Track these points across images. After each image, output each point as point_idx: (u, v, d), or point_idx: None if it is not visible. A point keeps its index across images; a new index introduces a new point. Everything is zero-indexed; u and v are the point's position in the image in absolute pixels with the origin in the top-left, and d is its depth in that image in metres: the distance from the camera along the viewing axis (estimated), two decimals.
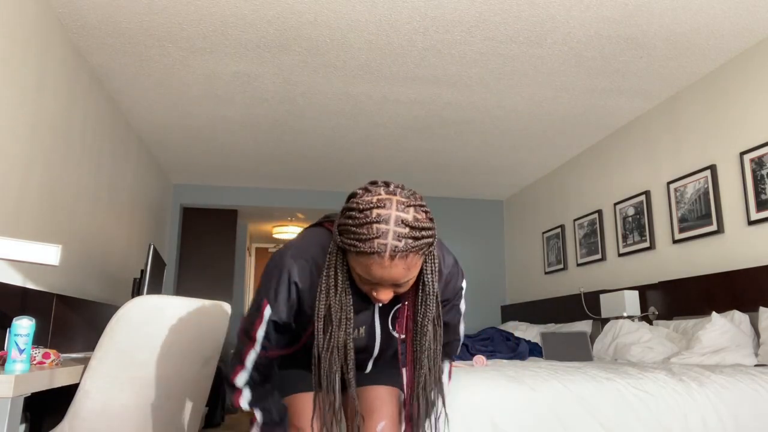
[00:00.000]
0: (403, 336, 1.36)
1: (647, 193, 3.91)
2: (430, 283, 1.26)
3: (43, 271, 2.80)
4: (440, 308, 1.31)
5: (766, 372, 2.26)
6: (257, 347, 1.34)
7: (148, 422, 1.78)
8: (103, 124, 3.65)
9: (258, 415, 1.38)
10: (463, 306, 1.48)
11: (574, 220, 4.84)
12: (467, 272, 6.22)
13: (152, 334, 1.74)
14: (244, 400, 1.37)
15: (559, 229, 5.11)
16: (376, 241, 1.10)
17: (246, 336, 1.35)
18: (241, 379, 1.37)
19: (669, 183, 3.68)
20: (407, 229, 1.11)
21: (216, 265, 6.06)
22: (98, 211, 3.63)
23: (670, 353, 2.99)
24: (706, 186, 3.36)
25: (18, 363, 1.43)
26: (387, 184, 1.18)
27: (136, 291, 3.66)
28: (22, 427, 2.29)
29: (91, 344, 3.37)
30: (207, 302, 1.92)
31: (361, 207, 1.13)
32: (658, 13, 2.81)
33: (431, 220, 1.18)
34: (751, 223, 3.04)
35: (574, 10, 2.79)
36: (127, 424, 1.73)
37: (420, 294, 1.28)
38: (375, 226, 1.11)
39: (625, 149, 4.22)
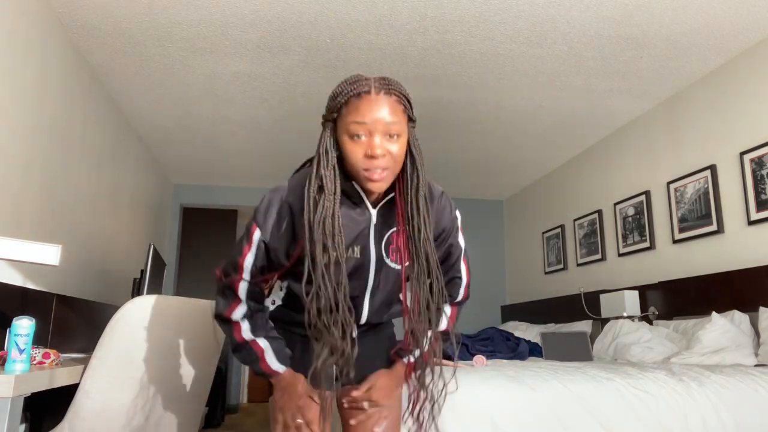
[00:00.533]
0: (398, 266, 1.35)
1: (647, 193, 3.91)
2: (419, 156, 1.29)
3: (43, 271, 2.80)
4: (430, 214, 1.31)
5: (766, 372, 2.26)
6: (246, 276, 1.34)
7: (148, 422, 1.78)
8: (103, 124, 3.65)
9: (263, 343, 1.34)
10: (461, 240, 1.47)
11: (574, 220, 4.84)
12: None
13: (152, 334, 1.74)
14: (246, 331, 1.34)
15: (559, 229, 5.11)
16: (363, 83, 1.23)
17: (232, 268, 1.35)
18: (238, 312, 1.35)
19: (669, 183, 3.68)
20: (387, 81, 1.25)
21: (216, 265, 6.04)
22: (98, 211, 3.63)
23: (670, 353, 2.99)
24: (706, 186, 3.36)
25: (18, 363, 1.43)
26: None
27: (136, 291, 3.66)
28: (22, 427, 2.29)
29: (91, 344, 3.36)
30: (207, 302, 1.92)
31: (343, 81, 1.27)
32: (658, 13, 2.81)
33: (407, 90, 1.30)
34: (751, 223, 3.04)
35: (574, 10, 2.79)
36: (127, 424, 1.73)
37: (409, 174, 1.29)
38: (358, 80, 1.24)
39: (625, 149, 4.22)
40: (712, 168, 3.33)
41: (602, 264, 4.44)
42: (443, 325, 1.42)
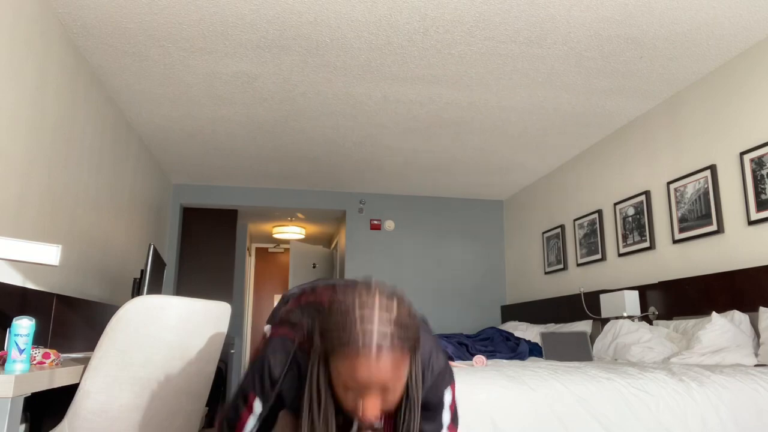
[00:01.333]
0: None
1: (647, 193, 3.91)
2: (414, 390, 1.20)
3: (43, 271, 2.80)
4: (419, 417, 1.23)
5: (766, 372, 2.26)
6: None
7: (148, 422, 1.78)
8: (103, 124, 3.65)
9: None
10: (446, 418, 1.35)
11: (574, 220, 4.84)
12: (467, 273, 6.23)
13: (152, 334, 1.73)
14: None
15: (559, 229, 5.11)
16: (360, 339, 1.07)
17: (234, 424, 1.31)
18: None
19: (669, 183, 3.68)
20: (392, 327, 1.10)
21: (216, 265, 6.06)
22: (98, 211, 3.63)
23: (670, 353, 2.99)
24: (706, 186, 3.36)
25: (18, 363, 1.43)
26: (368, 285, 1.15)
27: (136, 291, 3.66)
28: (22, 427, 2.29)
29: (91, 344, 3.37)
30: (207, 302, 1.92)
31: (342, 309, 1.12)
32: (658, 13, 2.81)
33: (415, 316, 1.15)
34: (751, 223, 3.04)
35: (574, 10, 2.79)
36: (127, 424, 1.73)
37: (403, 402, 1.20)
38: (359, 326, 1.08)
39: (625, 149, 4.22)
40: (712, 168, 3.33)
41: (602, 264, 4.44)
42: None
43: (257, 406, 1.29)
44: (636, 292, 3.72)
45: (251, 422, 1.30)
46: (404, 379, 1.15)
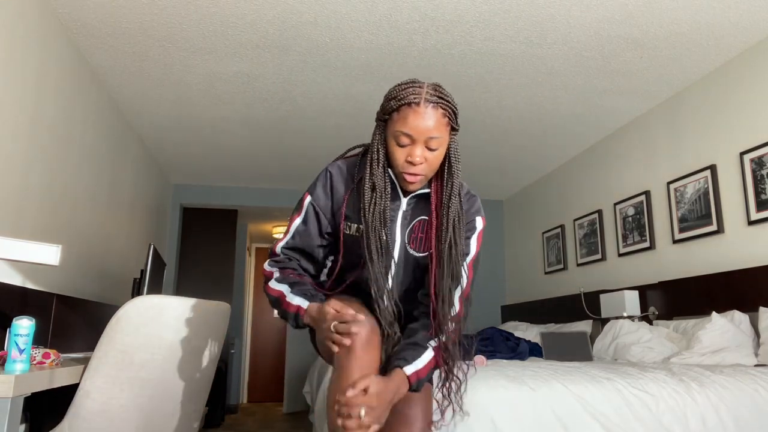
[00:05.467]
0: (419, 254, 1.49)
1: (647, 193, 3.91)
2: (456, 163, 1.45)
3: (43, 271, 2.80)
4: (461, 228, 1.45)
5: (766, 372, 2.26)
6: (289, 236, 1.53)
7: (148, 422, 1.78)
8: (103, 124, 3.65)
9: (284, 287, 1.47)
10: (473, 245, 1.54)
11: (574, 220, 4.84)
12: None
13: (152, 334, 1.74)
14: (273, 282, 1.49)
15: (559, 229, 5.11)
16: (412, 93, 1.35)
17: (285, 233, 1.55)
18: (272, 262, 1.53)
19: (669, 183, 3.68)
20: (437, 92, 1.38)
21: (216, 265, 6.06)
22: (98, 211, 3.63)
23: (670, 353, 2.99)
24: (706, 186, 3.36)
25: (18, 363, 1.43)
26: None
27: (136, 291, 3.65)
28: (22, 427, 2.29)
29: (91, 344, 3.36)
30: (207, 302, 1.92)
31: (401, 83, 1.41)
32: (659, 13, 2.81)
33: (456, 103, 1.42)
34: (751, 223, 3.04)
35: (574, 10, 2.79)
36: (127, 424, 1.73)
37: (446, 179, 1.45)
38: (412, 86, 1.37)
39: (625, 149, 4.22)
40: (712, 168, 3.33)
41: (602, 264, 4.44)
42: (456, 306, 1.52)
43: (307, 200, 1.54)
44: (636, 292, 3.72)
45: (298, 221, 1.53)
46: (444, 142, 1.40)
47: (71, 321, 3.12)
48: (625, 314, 3.62)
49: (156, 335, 1.74)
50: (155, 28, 2.95)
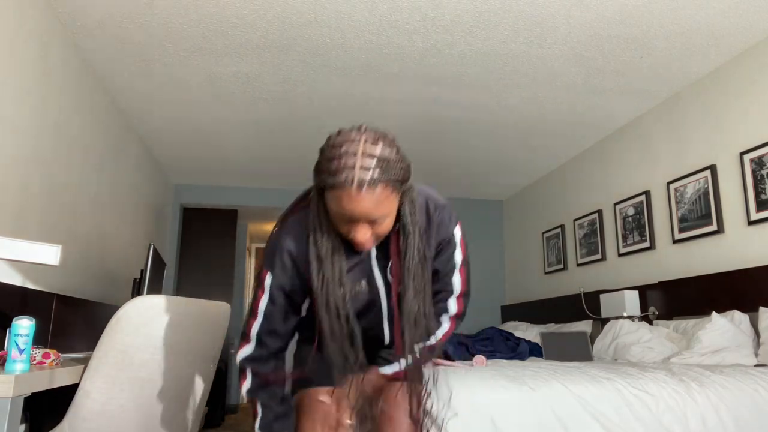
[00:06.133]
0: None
1: (647, 193, 3.91)
2: (409, 224, 1.28)
3: (43, 271, 2.80)
4: (425, 250, 1.31)
5: (766, 372, 2.26)
6: (259, 318, 1.37)
7: (148, 422, 1.78)
8: (103, 124, 3.65)
9: (259, 409, 1.38)
10: (458, 255, 1.45)
11: (574, 220, 4.84)
12: None
13: (152, 334, 1.74)
14: (245, 386, 1.38)
15: (559, 229, 5.11)
16: (344, 172, 1.14)
17: (249, 313, 1.39)
18: (244, 351, 1.39)
19: (669, 183, 3.68)
20: (374, 161, 1.15)
21: (216, 265, 6.06)
22: (98, 211, 3.63)
23: (670, 353, 2.99)
24: (706, 186, 3.36)
25: (18, 363, 1.43)
26: (359, 126, 1.23)
27: (136, 291, 3.66)
28: (22, 427, 2.29)
29: (91, 344, 3.36)
30: (207, 302, 1.92)
31: (331, 143, 1.20)
32: (658, 13, 2.81)
33: (405, 159, 1.22)
34: (751, 223, 3.04)
35: (574, 10, 2.79)
36: (127, 424, 1.73)
37: (401, 236, 1.29)
38: (343, 158, 1.15)
39: (625, 149, 4.22)
40: (712, 168, 3.33)
41: (602, 264, 4.43)
42: (434, 340, 1.46)
43: (268, 280, 1.36)
44: (636, 292, 3.72)
45: (264, 301, 1.37)
46: (392, 212, 1.23)
47: (71, 321, 3.12)
48: (625, 314, 3.62)
49: (156, 335, 1.74)
50: (155, 28, 2.95)
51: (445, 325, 1.48)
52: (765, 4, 2.74)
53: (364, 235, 1.21)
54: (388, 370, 1.43)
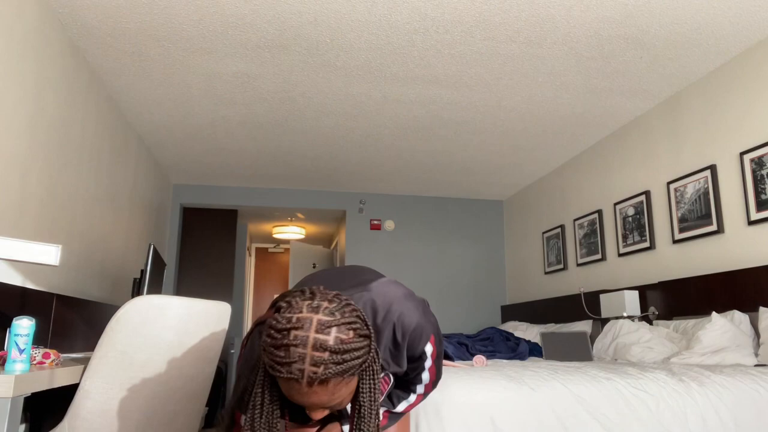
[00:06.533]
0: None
1: (647, 193, 3.91)
2: (367, 406, 1.15)
3: (43, 271, 2.80)
4: (379, 422, 1.20)
5: (766, 372, 2.26)
6: None
7: (148, 422, 1.78)
8: (103, 124, 3.65)
9: None
10: (428, 363, 1.39)
11: (574, 220, 4.84)
12: (467, 273, 6.23)
13: (152, 334, 1.73)
14: None
15: (559, 229, 5.11)
16: (293, 365, 1.02)
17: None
18: None
19: (669, 183, 3.68)
20: (326, 354, 1.02)
21: (216, 265, 6.06)
22: (98, 211, 3.63)
23: (670, 353, 2.99)
24: (706, 186, 3.36)
25: (18, 363, 1.43)
26: (313, 296, 1.09)
27: (136, 291, 3.66)
28: (22, 427, 2.29)
29: (91, 344, 3.37)
30: (207, 302, 1.92)
31: (279, 326, 1.05)
32: (658, 13, 2.81)
33: (364, 336, 1.08)
34: (751, 223, 3.04)
35: (574, 10, 2.79)
36: (127, 424, 1.73)
37: (356, 414, 1.17)
38: (291, 349, 1.02)
39: (625, 149, 4.22)
40: (712, 168, 3.33)
41: (602, 264, 4.44)
42: (399, 408, 1.47)
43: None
44: (636, 292, 3.72)
45: None
46: (350, 394, 1.12)
47: (71, 321, 3.12)
48: (625, 314, 3.62)
49: (156, 335, 1.74)
50: (155, 28, 2.95)
51: (412, 398, 1.48)
52: (765, 4, 2.74)
53: (320, 416, 1.12)
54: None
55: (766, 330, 2.73)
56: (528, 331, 4.53)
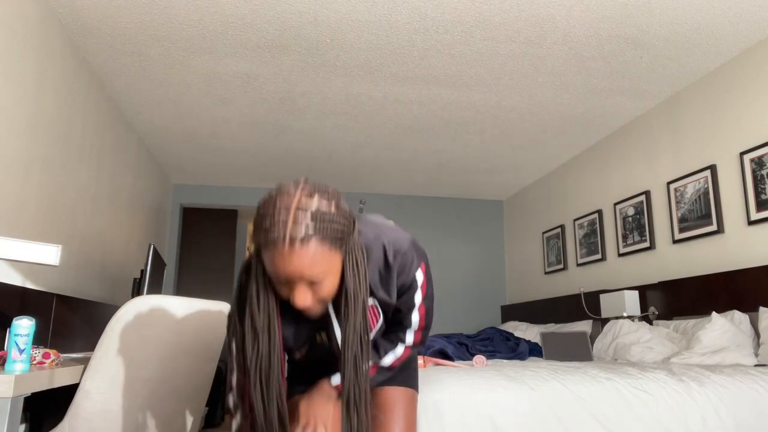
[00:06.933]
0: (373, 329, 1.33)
1: (647, 193, 3.91)
2: (352, 288, 1.17)
3: (43, 271, 2.80)
4: (367, 318, 1.22)
5: (766, 372, 2.26)
6: (234, 376, 1.30)
7: (148, 422, 1.78)
8: (103, 124, 3.65)
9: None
10: (418, 297, 1.37)
11: (574, 220, 4.84)
12: (467, 273, 6.22)
13: (152, 334, 1.74)
14: (235, 421, 1.31)
15: (559, 229, 5.11)
16: (276, 227, 1.06)
17: (228, 386, 1.33)
18: (229, 400, 1.32)
19: (669, 183, 3.68)
20: (308, 215, 1.06)
21: (216, 265, 6.06)
22: (98, 211, 3.63)
23: (670, 353, 2.99)
24: (706, 186, 3.36)
25: (18, 363, 1.43)
26: (299, 181, 1.14)
27: (136, 291, 3.66)
28: (22, 427, 2.29)
29: (91, 344, 3.37)
30: (207, 302, 1.92)
31: (266, 200, 1.11)
32: (658, 13, 2.81)
33: (346, 218, 1.12)
34: (751, 223, 3.04)
35: (574, 10, 2.79)
36: (127, 424, 1.73)
37: (343, 300, 1.18)
38: (276, 215, 1.07)
39: (625, 149, 4.22)
40: (712, 168, 3.33)
41: (602, 264, 4.44)
42: (387, 361, 1.41)
43: (233, 345, 1.29)
44: (636, 292, 3.72)
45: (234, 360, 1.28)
46: (331, 272, 1.13)
47: (71, 321, 3.12)
48: (625, 314, 3.62)
49: (156, 335, 1.74)
50: (155, 28, 2.95)
51: (399, 349, 1.42)
52: (765, 4, 2.74)
53: (304, 299, 1.13)
54: (335, 379, 1.35)
55: (766, 330, 2.73)
56: (528, 331, 4.53)
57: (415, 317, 1.39)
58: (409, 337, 1.43)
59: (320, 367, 1.40)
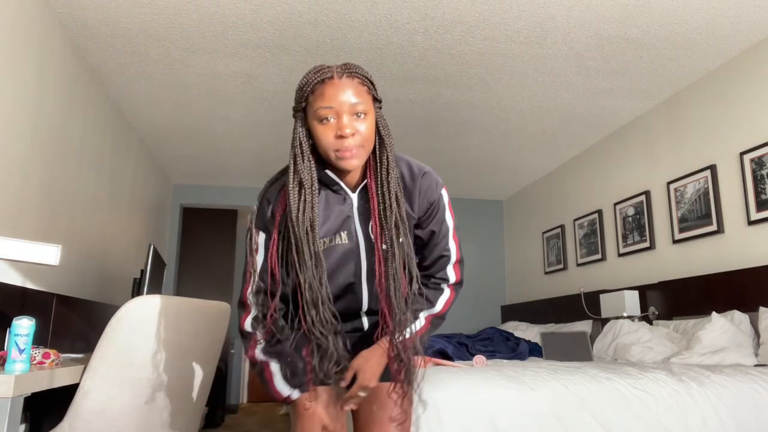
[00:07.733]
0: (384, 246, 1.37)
1: (647, 193, 3.91)
2: (387, 136, 1.35)
3: (43, 271, 2.80)
4: (403, 206, 1.34)
5: (766, 372, 2.26)
6: (254, 279, 1.37)
7: (148, 422, 1.78)
8: (103, 124, 3.65)
9: (273, 367, 1.36)
10: (449, 218, 1.49)
11: (574, 220, 4.84)
12: (467, 273, 6.17)
13: (152, 334, 1.74)
14: (258, 351, 1.37)
15: (559, 229, 5.11)
16: (325, 69, 1.28)
17: (244, 280, 1.39)
18: (249, 320, 1.38)
19: (669, 183, 3.68)
20: (348, 66, 1.30)
21: (216, 265, 6.06)
22: (98, 211, 3.63)
23: (670, 353, 2.99)
24: (706, 186, 3.36)
25: (18, 363, 1.43)
26: None
27: (136, 291, 3.65)
28: (22, 427, 2.29)
29: (91, 344, 3.36)
30: (207, 302, 1.92)
31: (306, 72, 1.32)
32: (658, 13, 2.81)
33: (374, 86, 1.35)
34: (751, 223, 3.04)
35: (574, 10, 2.79)
36: (127, 424, 1.73)
37: (378, 154, 1.34)
38: (320, 68, 1.29)
39: (625, 149, 4.22)
40: (712, 168, 3.33)
41: (602, 264, 4.44)
42: (438, 308, 1.47)
43: (261, 237, 1.37)
44: (636, 292, 3.72)
45: (260, 259, 1.37)
46: (371, 110, 1.31)
47: (71, 321, 3.12)
48: (625, 314, 3.62)
49: (156, 335, 1.74)
50: (155, 28, 2.95)
51: (446, 292, 1.48)
52: (765, 4, 2.75)
53: (349, 123, 1.26)
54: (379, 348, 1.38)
55: (766, 330, 2.73)
56: (528, 331, 4.53)
57: (452, 245, 1.48)
58: (451, 273, 1.49)
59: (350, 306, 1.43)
